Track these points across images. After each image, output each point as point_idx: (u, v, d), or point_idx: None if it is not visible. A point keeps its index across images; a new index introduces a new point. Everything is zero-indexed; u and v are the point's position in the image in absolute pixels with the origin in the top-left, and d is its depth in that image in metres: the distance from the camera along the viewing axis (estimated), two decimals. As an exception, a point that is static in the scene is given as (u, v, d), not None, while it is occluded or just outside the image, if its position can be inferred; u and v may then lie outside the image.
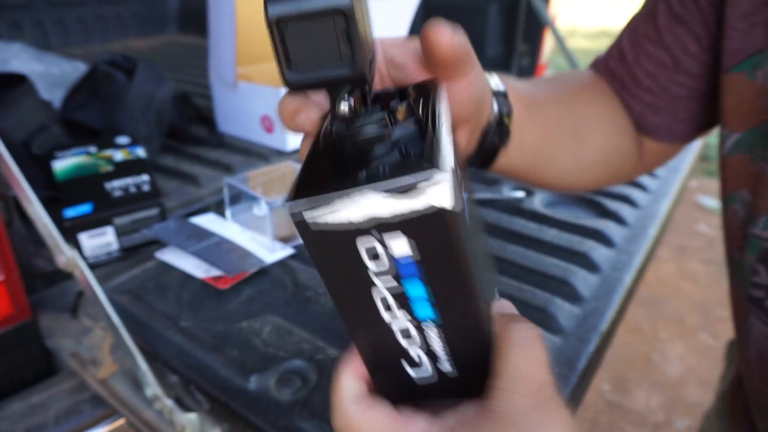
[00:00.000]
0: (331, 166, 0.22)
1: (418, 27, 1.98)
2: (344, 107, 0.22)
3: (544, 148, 0.44)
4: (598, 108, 0.49)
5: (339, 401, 0.25)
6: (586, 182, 0.50)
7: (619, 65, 0.50)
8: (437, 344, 0.24)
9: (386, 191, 0.19)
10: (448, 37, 0.26)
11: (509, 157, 0.41)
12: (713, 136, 0.53)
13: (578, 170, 0.48)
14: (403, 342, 0.24)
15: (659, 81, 0.48)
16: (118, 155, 0.83)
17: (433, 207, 0.19)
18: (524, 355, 0.23)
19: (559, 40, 1.69)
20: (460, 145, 0.33)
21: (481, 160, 0.40)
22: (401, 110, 0.25)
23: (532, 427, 0.22)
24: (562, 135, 0.45)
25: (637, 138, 0.51)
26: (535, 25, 1.69)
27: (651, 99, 0.48)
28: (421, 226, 0.19)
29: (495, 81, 0.39)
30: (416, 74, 0.29)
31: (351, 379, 0.25)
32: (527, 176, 0.44)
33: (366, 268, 0.21)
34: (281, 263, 0.73)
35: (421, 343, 0.24)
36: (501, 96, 0.38)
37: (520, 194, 0.96)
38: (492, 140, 0.38)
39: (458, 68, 0.28)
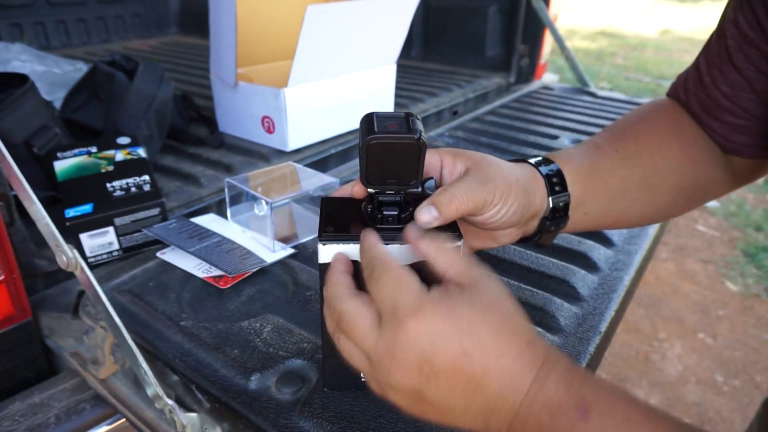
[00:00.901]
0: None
1: (418, 27, 1.99)
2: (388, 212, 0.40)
3: (611, 209, 0.47)
4: (670, 152, 0.49)
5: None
6: (665, 217, 0.52)
7: (699, 87, 0.49)
8: None
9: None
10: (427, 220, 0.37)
11: (574, 226, 0.45)
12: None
13: (654, 213, 0.50)
14: None
15: (738, 102, 0.47)
16: (119, 155, 0.83)
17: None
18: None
19: (559, 40, 1.69)
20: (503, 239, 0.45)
21: (542, 238, 0.46)
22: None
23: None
24: (629, 192, 0.47)
25: (724, 159, 0.50)
26: (535, 25, 1.69)
27: (733, 120, 0.47)
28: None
29: (548, 168, 0.44)
30: None
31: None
32: (597, 229, 0.49)
33: None
34: (282, 263, 0.73)
35: None
36: (554, 184, 0.43)
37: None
38: (551, 225, 0.44)
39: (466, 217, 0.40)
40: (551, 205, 0.43)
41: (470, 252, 0.42)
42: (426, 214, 0.36)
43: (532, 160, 0.46)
